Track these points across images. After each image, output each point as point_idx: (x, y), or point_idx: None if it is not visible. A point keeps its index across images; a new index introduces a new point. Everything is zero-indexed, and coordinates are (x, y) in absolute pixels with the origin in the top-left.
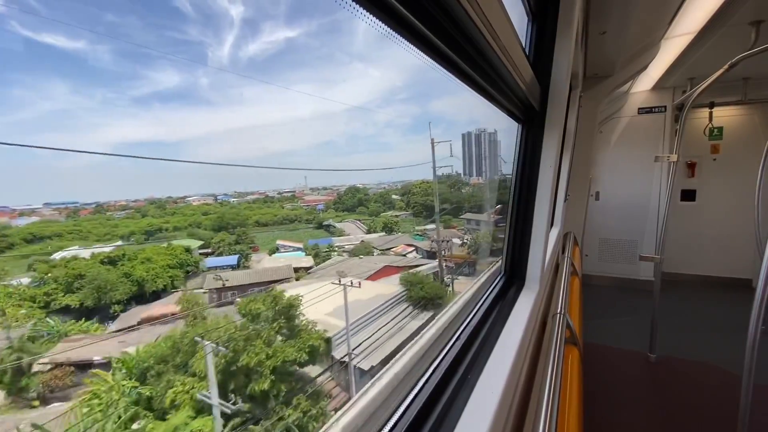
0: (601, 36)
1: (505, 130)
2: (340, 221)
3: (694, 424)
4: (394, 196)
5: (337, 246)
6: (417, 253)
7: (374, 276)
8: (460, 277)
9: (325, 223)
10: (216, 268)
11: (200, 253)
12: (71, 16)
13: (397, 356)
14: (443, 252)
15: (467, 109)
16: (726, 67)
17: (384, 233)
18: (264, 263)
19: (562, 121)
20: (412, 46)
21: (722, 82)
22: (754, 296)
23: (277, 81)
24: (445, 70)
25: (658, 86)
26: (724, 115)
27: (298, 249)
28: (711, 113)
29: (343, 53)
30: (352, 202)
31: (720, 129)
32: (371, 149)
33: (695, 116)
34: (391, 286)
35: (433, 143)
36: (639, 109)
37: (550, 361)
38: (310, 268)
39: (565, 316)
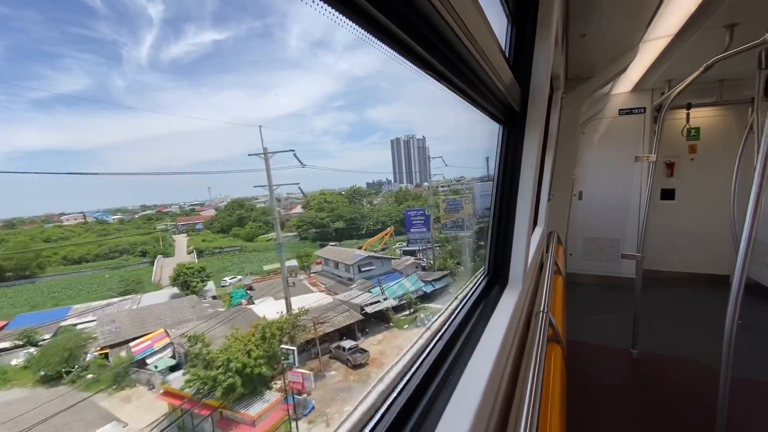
0: (581, 39)
1: (440, 138)
2: (190, 252)
3: (675, 417)
4: (297, 210)
5: (65, 325)
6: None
7: None
8: None
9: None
10: None
11: None
12: None
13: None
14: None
15: (402, 117)
16: (702, 69)
17: (182, 290)
18: None
19: (543, 122)
20: (385, 47)
21: (698, 84)
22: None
23: (204, 85)
24: (422, 72)
25: (638, 88)
26: (701, 116)
27: None
28: (688, 114)
29: (276, 59)
30: (230, 221)
31: (697, 129)
32: (309, 156)
33: (673, 117)
34: None
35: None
36: (619, 110)
37: (532, 360)
38: None
39: (547, 314)
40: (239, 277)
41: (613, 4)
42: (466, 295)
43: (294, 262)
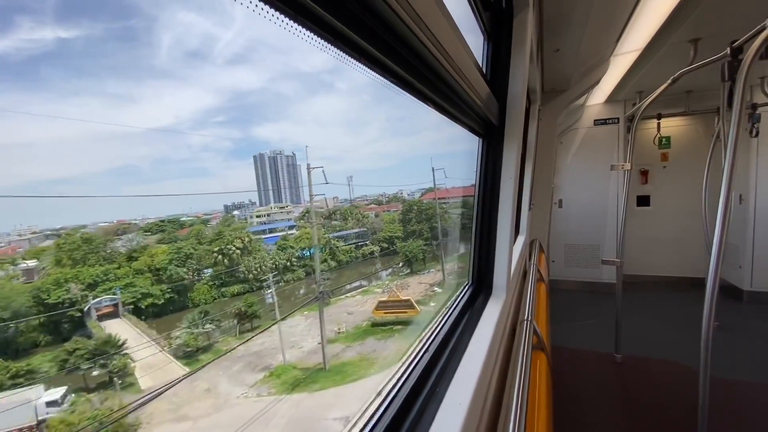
0: (555, 53)
1: (332, 157)
2: None
3: (659, 419)
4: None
5: None
6: None
7: None
8: None
9: None
10: None
11: None
12: None
13: None
14: None
15: (292, 137)
16: (669, 81)
17: None
18: None
19: (521, 135)
20: (363, 66)
21: (667, 95)
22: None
23: (43, 90)
24: (401, 90)
25: (611, 99)
26: (671, 126)
27: None
28: (659, 124)
29: (143, 67)
30: None
31: (668, 138)
32: (186, 175)
33: (645, 127)
34: None
35: None
36: (594, 120)
37: (518, 369)
38: None
39: (531, 322)
40: None
41: (585, 20)
42: (451, 306)
43: None
